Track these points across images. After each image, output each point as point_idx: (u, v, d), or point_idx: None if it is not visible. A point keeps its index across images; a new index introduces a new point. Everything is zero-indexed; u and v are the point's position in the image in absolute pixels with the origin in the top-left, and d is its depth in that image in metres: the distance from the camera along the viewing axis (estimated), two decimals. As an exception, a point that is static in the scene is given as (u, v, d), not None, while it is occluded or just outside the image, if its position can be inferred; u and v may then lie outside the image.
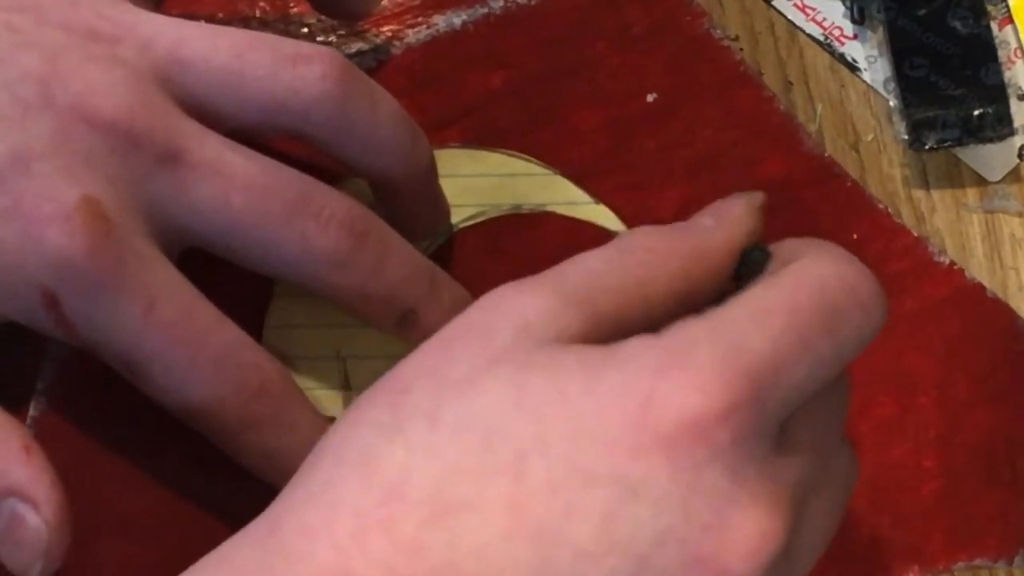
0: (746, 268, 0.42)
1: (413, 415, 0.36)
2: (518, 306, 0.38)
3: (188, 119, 0.44)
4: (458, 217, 0.51)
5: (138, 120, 0.43)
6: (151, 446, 0.45)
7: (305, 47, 0.46)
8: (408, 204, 0.49)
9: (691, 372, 0.35)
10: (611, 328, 0.38)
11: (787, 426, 0.38)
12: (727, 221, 0.43)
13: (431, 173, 0.49)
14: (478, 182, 0.52)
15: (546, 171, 0.52)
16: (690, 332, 0.37)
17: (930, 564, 0.49)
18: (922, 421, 0.51)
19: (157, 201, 0.43)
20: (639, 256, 0.40)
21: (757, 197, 0.44)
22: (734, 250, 0.42)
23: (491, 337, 0.37)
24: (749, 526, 0.35)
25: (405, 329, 0.47)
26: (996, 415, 0.51)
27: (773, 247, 0.42)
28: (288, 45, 0.46)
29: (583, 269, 0.39)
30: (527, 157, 0.52)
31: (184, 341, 0.43)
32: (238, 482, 0.45)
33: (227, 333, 0.44)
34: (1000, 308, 0.52)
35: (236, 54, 0.45)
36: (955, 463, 0.50)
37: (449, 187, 0.51)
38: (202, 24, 0.46)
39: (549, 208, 0.52)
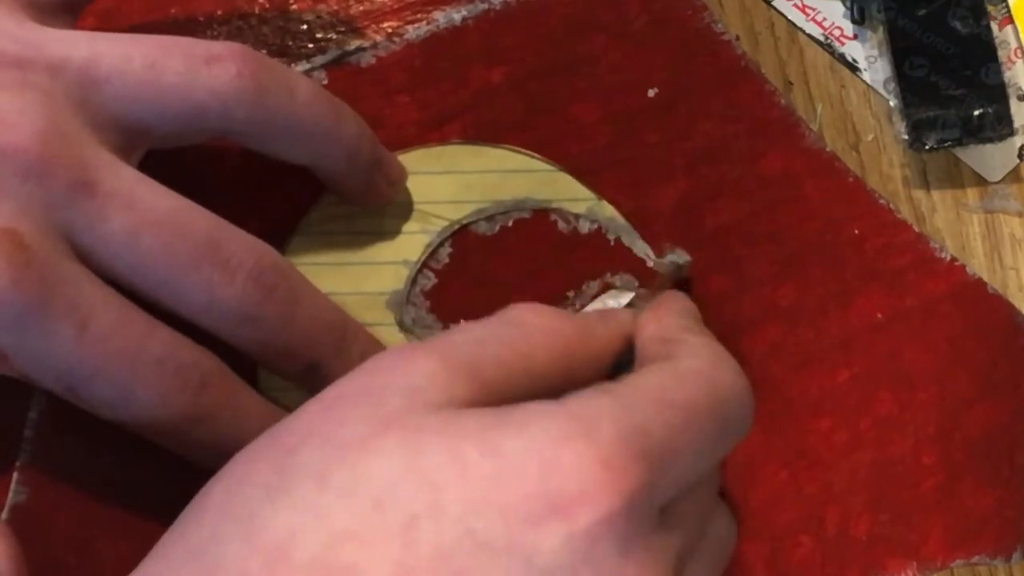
0: (618, 367, 0.43)
1: (300, 476, 0.36)
2: (406, 371, 0.37)
3: (102, 148, 0.43)
4: (460, 213, 0.51)
5: (50, 146, 0.42)
6: (151, 446, 0.45)
7: (216, 47, 0.45)
8: (348, 181, 0.49)
9: (595, 445, 0.35)
10: (496, 397, 0.38)
11: (669, 503, 0.38)
12: (612, 320, 0.43)
13: (362, 146, 0.49)
14: (481, 178, 0.52)
15: (549, 167, 0.52)
16: (593, 404, 0.37)
17: (928, 562, 0.49)
18: (922, 417, 0.51)
19: (70, 230, 0.42)
20: (524, 330, 0.40)
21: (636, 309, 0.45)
22: (615, 343, 0.43)
23: (380, 401, 0.37)
24: None
25: (309, 381, 0.46)
26: (996, 411, 0.51)
27: (643, 324, 0.44)
28: (200, 47, 0.45)
29: (469, 338, 0.39)
30: (529, 152, 0.52)
31: (122, 351, 0.42)
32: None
33: (163, 335, 0.43)
34: (1001, 304, 0.52)
35: (149, 64, 0.44)
36: (954, 459, 0.50)
37: (451, 183, 0.51)
38: (114, 36, 0.45)
39: (552, 205, 0.52)
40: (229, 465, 0.38)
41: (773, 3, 0.57)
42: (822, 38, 0.57)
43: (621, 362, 0.43)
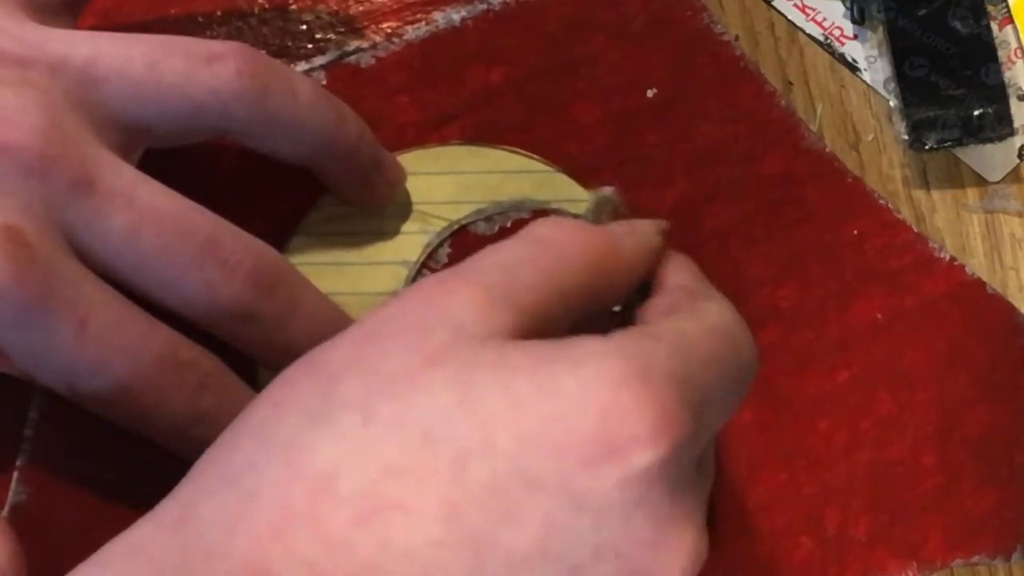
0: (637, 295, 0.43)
1: (343, 407, 0.35)
2: (446, 303, 0.37)
3: (102, 147, 0.43)
4: (459, 214, 0.51)
5: (51, 144, 0.42)
6: (151, 446, 0.45)
7: (217, 46, 0.45)
8: (347, 182, 0.49)
9: (652, 390, 0.35)
10: (536, 323, 0.37)
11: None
12: (638, 231, 0.43)
13: (363, 146, 0.49)
14: (479, 179, 0.52)
15: (547, 168, 0.52)
16: (645, 347, 0.36)
17: (928, 562, 0.49)
18: (921, 418, 0.51)
19: (71, 228, 0.42)
20: (553, 249, 0.39)
21: (662, 223, 0.45)
22: (642, 257, 0.42)
23: (423, 334, 0.36)
24: (685, 544, 0.35)
25: None
26: (995, 412, 0.51)
27: (664, 272, 0.44)
28: (201, 46, 0.45)
29: (501, 263, 0.39)
30: (528, 154, 0.52)
31: (122, 349, 0.42)
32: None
33: (163, 334, 0.43)
34: (1001, 304, 0.52)
35: (150, 63, 0.44)
36: (954, 460, 0.50)
37: (450, 184, 0.51)
38: (115, 35, 0.45)
39: (550, 206, 0.52)
40: (267, 390, 0.37)
41: (773, 3, 0.57)
42: (822, 38, 0.57)
43: (643, 284, 0.43)
